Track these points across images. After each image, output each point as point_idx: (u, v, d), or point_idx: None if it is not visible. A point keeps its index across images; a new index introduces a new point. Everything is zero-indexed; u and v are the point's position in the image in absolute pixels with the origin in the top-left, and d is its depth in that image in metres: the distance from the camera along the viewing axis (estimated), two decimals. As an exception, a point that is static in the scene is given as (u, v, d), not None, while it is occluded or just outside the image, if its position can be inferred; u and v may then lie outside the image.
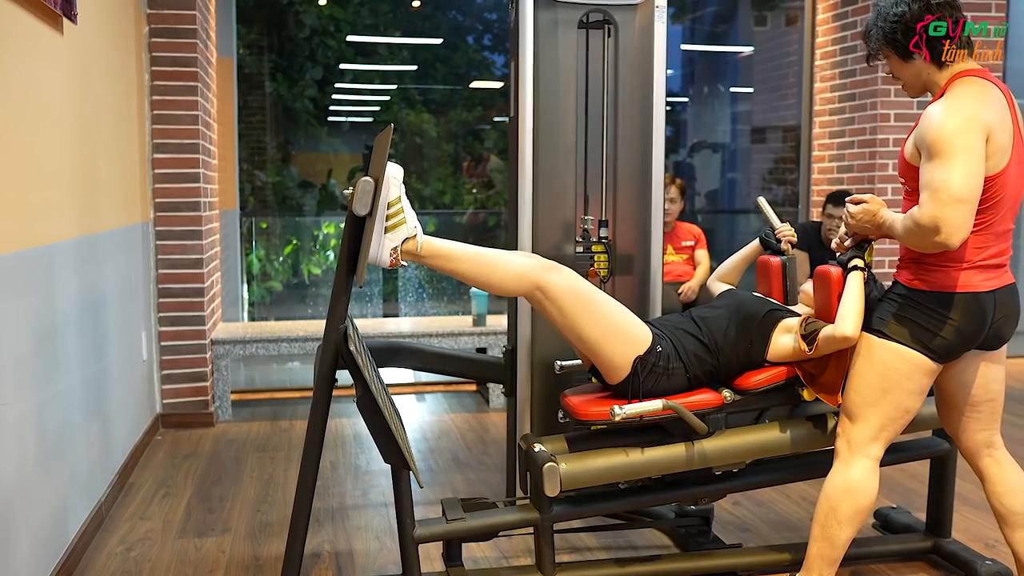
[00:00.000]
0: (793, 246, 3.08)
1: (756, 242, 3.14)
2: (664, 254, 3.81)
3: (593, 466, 2.66)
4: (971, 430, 2.62)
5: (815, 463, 2.89)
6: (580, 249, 3.19)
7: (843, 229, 2.68)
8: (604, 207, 3.36)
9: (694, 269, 5.27)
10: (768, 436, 2.75)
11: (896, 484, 3.77)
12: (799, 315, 2.74)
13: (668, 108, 3.43)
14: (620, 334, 2.62)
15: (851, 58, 5.58)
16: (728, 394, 2.70)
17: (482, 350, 5.15)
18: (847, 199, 2.59)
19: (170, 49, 4.54)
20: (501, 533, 2.88)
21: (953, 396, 2.61)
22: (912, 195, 2.42)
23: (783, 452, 2.77)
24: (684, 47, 10.49)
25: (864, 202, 2.52)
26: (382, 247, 2.46)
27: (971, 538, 3.22)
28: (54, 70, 2.95)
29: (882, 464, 3.06)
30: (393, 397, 2.82)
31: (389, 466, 2.52)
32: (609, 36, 3.39)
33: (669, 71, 3.39)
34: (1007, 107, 2.38)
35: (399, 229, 2.47)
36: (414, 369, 4.58)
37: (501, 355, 3.43)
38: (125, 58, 4.10)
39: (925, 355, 2.42)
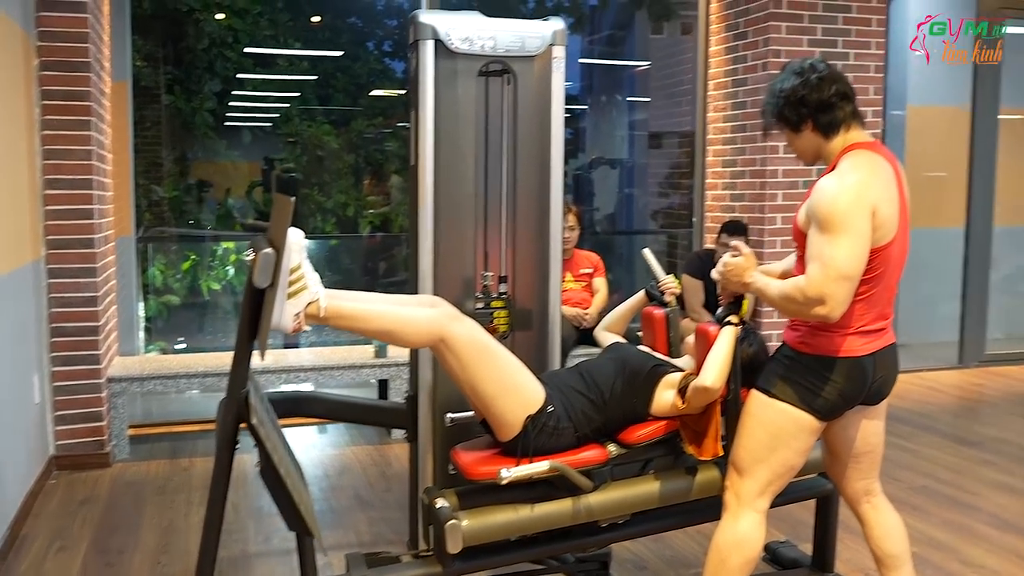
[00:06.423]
0: (678, 299, 3.19)
1: (642, 293, 3.24)
2: (562, 282, 3.90)
3: (494, 521, 2.72)
4: (852, 479, 2.78)
5: (695, 511, 3.00)
6: (480, 305, 3.25)
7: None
8: (503, 254, 3.42)
9: (592, 296, 5.40)
10: (651, 489, 2.83)
11: (786, 514, 3.91)
12: (682, 370, 2.85)
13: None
14: (515, 391, 2.68)
15: (742, 91, 5.77)
16: (613, 448, 2.79)
17: (383, 382, 5.16)
18: (729, 252, 2.65)
19: (62, 83, 4.43)
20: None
21: (836, 449, 2.76)
22: (804, 260, 2.53)
23: (665, 503, 2.86)
24: (581, 61, 10.65)
25: (740, 255, 2.61)
26: (284, 313, 2.47)
27: (853, 568, 3.39)
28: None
29: (771, 505, 3.22)
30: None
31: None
32: (508, 84, 3.46)
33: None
34: (894, 179, 2.49)
35: (301, 294, 2.49)
36: (318, 418, 4.57)
37: (404, 399, 3.46)
38: (13, 94, 3.99)
39: (810, 414, 2.55)
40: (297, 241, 2.48)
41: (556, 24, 3.41)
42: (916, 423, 5.44)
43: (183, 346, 7.44)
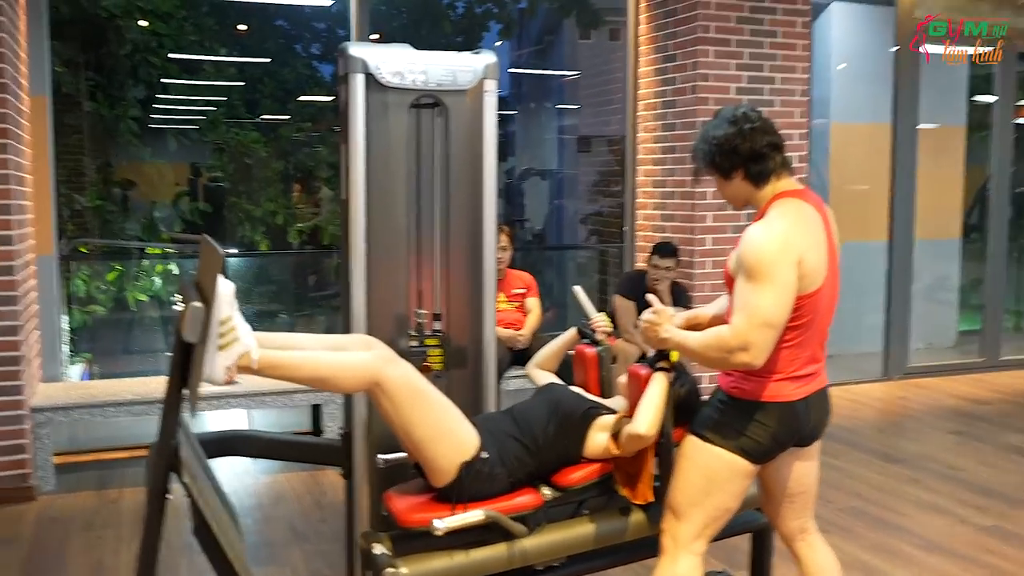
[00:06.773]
0: (608, 335, 3.21)
1: (573, 331, 3.25)
2: (495, 302, 3.89)
3: (431, 568, 2.70)
4: (787, 518, 2.84)
5: (631, 548, 3.01)
6: (414, 343, 3.23)
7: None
8: (437, 290, 3.40)
9: (525, 317, 5.41)
10: (586, 531, 2.84)
11: (722, 542, 3.91)
12: (615, 411, 2.87)
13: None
14: (449, 437, 2.67)
15: (671, 112, 5.83)
16: (548, 491, 2.80)
17: (316, 407, 5.11)
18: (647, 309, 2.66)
19: (-23, 107, 4.30)
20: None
21: (771, 489, 2.82)
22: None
23: (600, 545, 2.88)
24: (511, 70, 10.70)
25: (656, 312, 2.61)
26: (215, 366, 2.43)
27: (787, 596, 3.45)
28: None
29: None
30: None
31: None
32: (440, 116, 3.44)
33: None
34: (822, 225, 2.54)
35: (232, 347, 2.44)
36: (251, 457, 4.48)
37: (338, 435, 3.42)
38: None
39: (744, 459, 2.58)
40: (227, 293, 2.44)
41: (488, 57, 3.40)
42: (844, 439, 5.56)
43: (86, 356, 7.25)
